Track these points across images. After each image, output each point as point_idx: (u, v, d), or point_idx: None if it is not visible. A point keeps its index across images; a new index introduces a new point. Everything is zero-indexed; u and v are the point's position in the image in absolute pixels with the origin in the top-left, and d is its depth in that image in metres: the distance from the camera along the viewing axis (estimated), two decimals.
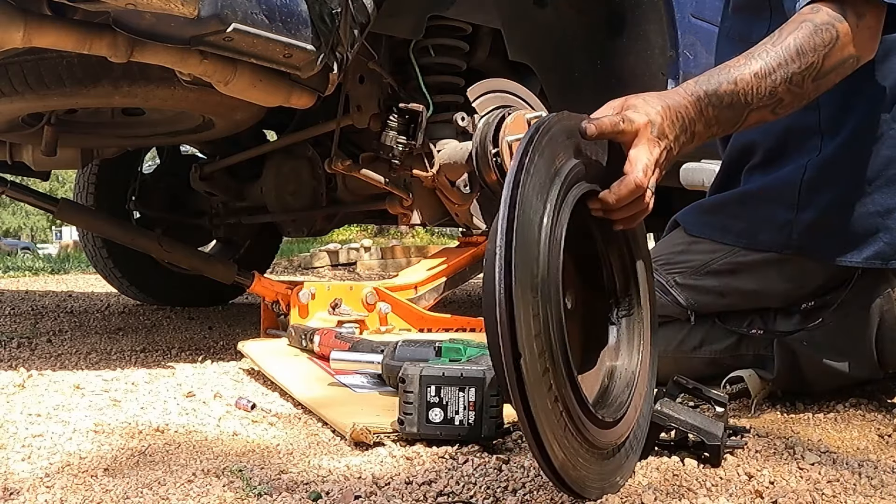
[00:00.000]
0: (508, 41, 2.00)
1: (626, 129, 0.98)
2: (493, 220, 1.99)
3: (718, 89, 1.08)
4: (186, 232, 3.02)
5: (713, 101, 1.07)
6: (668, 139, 1.02)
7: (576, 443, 0.86)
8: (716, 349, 1.50)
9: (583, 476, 0.87)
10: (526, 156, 0.85)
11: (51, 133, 2.05)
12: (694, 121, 1.06)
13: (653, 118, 1.01)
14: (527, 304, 0.81)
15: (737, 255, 1.43)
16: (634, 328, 1.07)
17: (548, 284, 0.85)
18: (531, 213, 0.85)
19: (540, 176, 0.87)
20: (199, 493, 0.93)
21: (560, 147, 0.92)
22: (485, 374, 1.11)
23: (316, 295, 1.98)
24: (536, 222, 0.86)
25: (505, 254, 0.80)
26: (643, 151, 0.99)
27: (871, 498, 0.94)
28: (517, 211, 0.82)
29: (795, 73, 1.11)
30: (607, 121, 0.97)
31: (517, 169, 0.84)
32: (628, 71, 2.09)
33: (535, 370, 0.81)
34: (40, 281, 5.26)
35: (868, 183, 1.31)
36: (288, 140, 2.39)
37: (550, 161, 0.90)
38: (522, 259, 0.82)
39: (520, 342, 0.79)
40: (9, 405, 1.39)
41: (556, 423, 0.83)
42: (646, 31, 2.03)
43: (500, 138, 1.89)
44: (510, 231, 0.81)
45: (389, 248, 7.49)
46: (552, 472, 0.84)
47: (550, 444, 0.82)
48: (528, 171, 0.85)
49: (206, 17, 1.30)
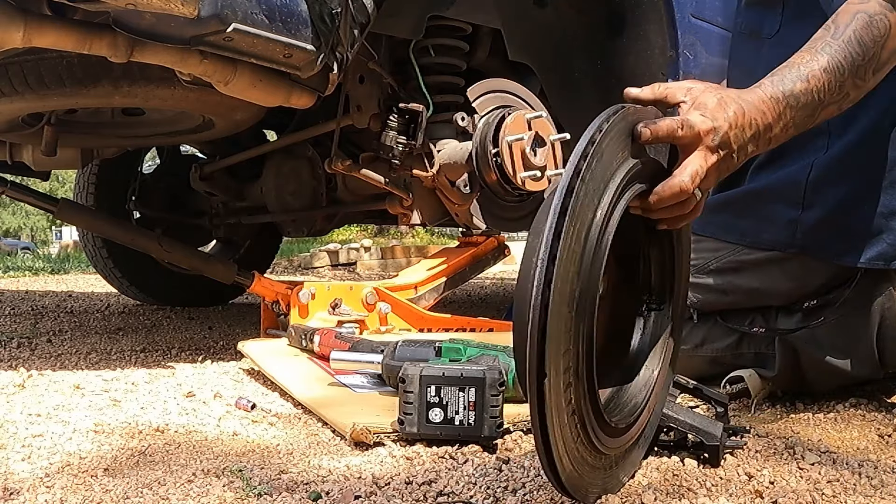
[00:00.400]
0: (508, 41, 2.00)
1: (683, 136, 0.95)
2: (497, 220, 2.01)
3: (794, 89, 1.04)
4: (186, 232, 3.02)
5: (791, 103, 1.04)
6: (730, 148, 0.98)
7: (585, 452, 0.86)
8: (717, 347, 1.50)
9: (587, 483, 0.87)
10: (584, 160, 0.81)
11: (51, 133, 2.05)
12: (771, 126, 1.02)
13: (718, 125, 0.97)
14: (560, 320, 0.78)
15: (740, 253, 1.43)
16: (661, 326, 1.04)
17: (585, 299, 0.82)
18: (579, 224, 0.80)
19: (595, 182, 0.83)
20: (199, 493, 0.93)
21: (619, 148, 0.87)
22: (485, 374, 1.11)
23: (316, 295, 1.98)
24: (584, 234, 0.81)
25: (546, 269, 0.77)
26: (696, 158, 0.96)
27: (871, 498, 0.94)
28: (566, 222, 0.78)
29: (860, 66, 1.09)
30: (664, 126, 0.93)
31: (572, 174, 0.79)
32: (628, 71, 2.09)
33: (558, 388, 0.79)
34: (40, 281, 5.26)
35: (874, 184, 1.31)
36: (288, 140, 2.39)
37: (608, 165, 0.85)
38: (563, 274, 0.78)
39: (547, 361, 0.77)
40: (9, 405, 1.39)
41: (569, 435, 0.83)
42: (646, 31, 2.03)
43: (501, 138, 1.89)
44: (555, 244, 0.77)
45: (389, 248, 7.49)
46: (558, 482, 0.83)
47: (561, 457, 0.81)
48: (584, 178, 0.80)
49: (206, 17, 1.30)
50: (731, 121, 0.98)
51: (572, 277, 0.80)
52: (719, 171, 0.99)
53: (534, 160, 1.90)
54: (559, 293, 0.78)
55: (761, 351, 1.46)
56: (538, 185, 1.93)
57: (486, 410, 1.11)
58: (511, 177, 1.90)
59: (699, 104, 0.98)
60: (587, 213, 0.82)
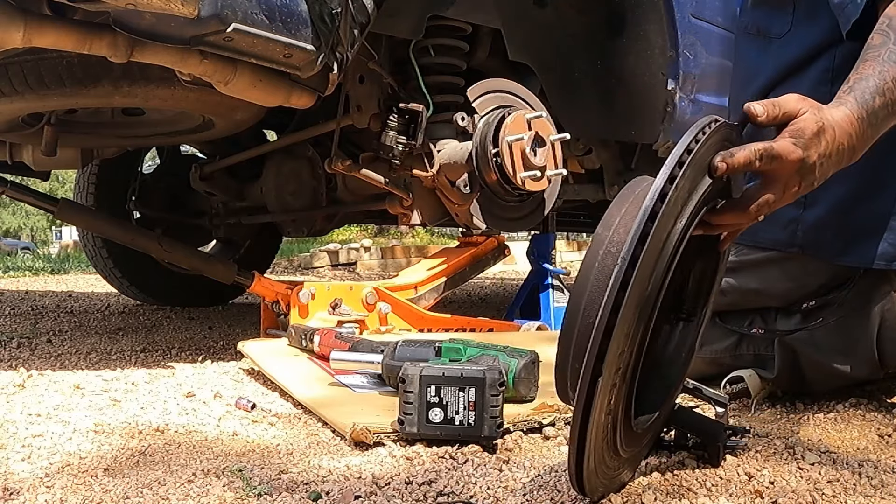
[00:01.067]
0: (508, 41, 2.00)
1: (762, 168, 0.91)
2: (497, 220, 2.01)
3: (874, 105, 1.01)
4: (186, 232, 3.02)
5: (872, 122, 1.01)
6: (814, 176, 0.96)
7: (607, 454, 0.87)
8: (716, 349, 1.50)
9: (600, 482, 0.88)
10: (679, 167, 0.80)
11: (51, 133, 2.05)
12: (855, 148, 1.00)
13: (808, 154, 0.93)
14: (626, 323, 0.78)
15: (738, 252, 1.43)
16: (688, 335, 1.04)
17: (649, 304, 0.81)
18: (661, 230, 0.80)
19: (683, 191, 0.82)
20: (199, 493, 0.93)
21: (707, 161, 0.86)
22: (485, 374, 1.11)
23: (316, 295, 1.98)
24: (663, 240, 0.81)
25: (626, 270, 0.76)
26: (774, 189, 0.93)
27: (871, 498, 0.94)
28: (655, 226, 0.77)
29: None
30: (741, 159, 0.88)
31: (666, 180, 0.79)
32: (628, 71, 2.09)
33: (607, 388, 0.79)
34: (40, 281, 5.26)
35: (874, 183, 1.31)
36: (288, 140, 2.39)
37: (696, 176, 0.84)
38: (640, 277, 0.78)
39: (606, 360, 0.77)
40: (9, 405, 1.39)
41: (600, 436, 0.83)
42: (646, 31, 2.03)
43: (501, 138, 1.89)
44: (639, 248, 0.77)
45: (389, 248, 7.49)
46: (578, 480, 0.84)
47: (589, 456, 0.82)
48: (677, 186, 0.79)
49: (206, 17, 1.30)
50: (821, 150, 0.95)
51: (643, 281, 0.80)
52: (797, 195, 0.97)
53: (534, 160, 1.90)
54: (631, 296, 0.77)
55: (761, 352, 1.45)
56: (538, 185, 1.93)
57: (486, 410, 1.11)
58: (511, 177, 1.90)
59: (796, 130, 0.94)
60: (670, 220, 0.81)
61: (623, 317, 0.77)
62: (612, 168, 2.51)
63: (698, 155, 0.83)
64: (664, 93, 2.04)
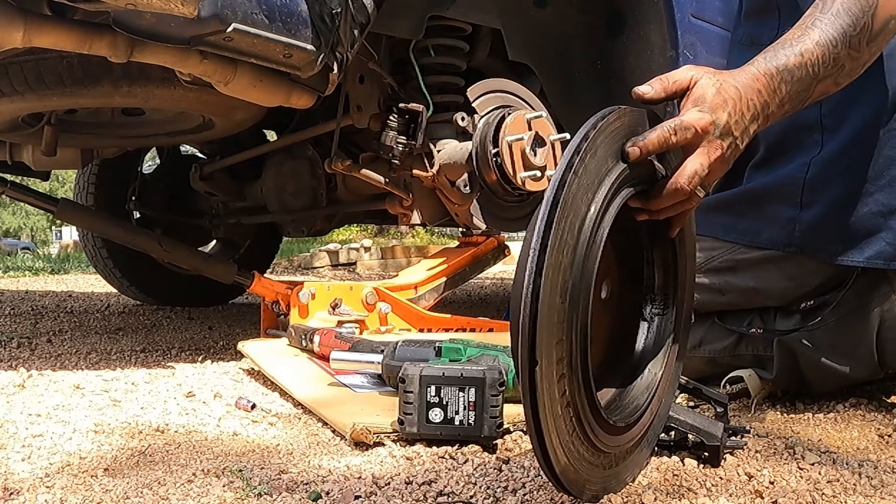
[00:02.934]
0: (508, 41, 2.00)
1: (679, 140, 0.94)
2: (497, 220, 2.01)
3: (788, 63, 1.04)
4: (186, 232, 3.02)
5: (785, 77, 1.03)
6: (732, 136, 0.98)
7: (582, 447, 0.86)
8: (715, 348, 1.50)
9: (583, 478, 0.87)
10: (576, 155, 0.82)
11: (51, 133, 2.05)
12: (767, 103, 1.02)
13: (717, 117, 0.96)
14: (552, 310, 0.79)
15: (737, 252, 1.43)
16: (665, 328, 1.04)
17: (578, 290, 0.83)
18: (572, 215, 0.82)
19: (589, 177, 0.84)
20: (199, 493, 0.93)
21: (616, 146, 0.89)
22: (485, 374, 1.11)
23: (316, 295, 1.98)
24: (577, 226, 0.83)
25: (538, 257, 0.78)
26: (697, 157, 0.95)
27: (871, 498, 0.94)
28: (557, 213, 0.79)
29: (853, 37, 1.09)
30: (654, 140, 0.91)
31: (565, 168, 0.82)
32: (628, 71, 2.09)
33: (550, 377, 0.80)
34: (40, 281, 5.26)
35: (870, 182, 1.31)
36: (288, 140, 2.39)
37: (602, 162, 0.87)
38: (555, 264, 0.79)
39: (538, 349, 0.78)
40: (9, 405, 1.39)
41: (563, 428, 0.83)
42: (646, 31, 2.03)
43: (501, 138, 1.88)
44: (546, 234, 0.79)
45: (389, 248, 7.49)
46: (552, 473, 0.84)
47: (555, 449, 0.82)
48: (577, 171, 0.82)
49: (206, 17, 1.30)
50: (729, 109, 0.97)
51: (565, 268, 0.81)
52: (725, 160, 0.99)
53: (534, 160, 1.90)
54: (551, 282, 0.79)
55: (759, 352, 1.46)
56: (538, 185, 1.93)
57: (486, 410, 1.11)
58: (511, 177, 1.90)
59: (697, 98, 0.98)
60: (580, 206, 0.83)
61: (547, 304, 0.78)
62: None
63: (598, 141, 0.85)
64: None
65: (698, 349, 1.50)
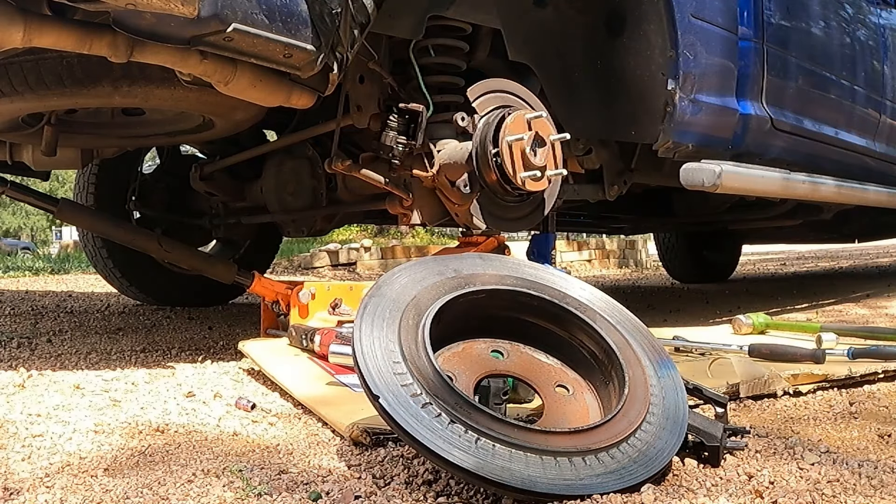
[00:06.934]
0: (508, 41, 2.00)
1: None
2: (497, 220, 2.01)
3: None
4: (186, 232, 3.02)
5: None
6: None
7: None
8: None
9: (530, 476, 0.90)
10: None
11: (51, 133, 2.05)
12: None
13: None
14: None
15: None
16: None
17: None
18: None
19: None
20: (199, 493, 0.93)
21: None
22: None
23: (316, 295, 1.98)
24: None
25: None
26: None
27: (871, 498, 0.94)
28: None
29: None
30: None
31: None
32: (628, 71, 2.09)
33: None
34: (40, 281, 5.26)
35: None
36: (288, 140, 2.39)
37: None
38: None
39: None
40: (9, 405, 1.39)
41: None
42: (646, 31, 2.03)
43: (501, 138, 1.88)
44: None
45: (389, 248, 7.48)
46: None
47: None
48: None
49: (206, 17, 1.30)
50: None
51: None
52: None
53: (534, 160, 1.90)
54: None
55: None
56: (538, 184, 1.93)
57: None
58: (511, 177, 1.89)
59: None
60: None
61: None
62: (611, 168, 2.51)
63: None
64: (664, 93, 2.04)
65: None
